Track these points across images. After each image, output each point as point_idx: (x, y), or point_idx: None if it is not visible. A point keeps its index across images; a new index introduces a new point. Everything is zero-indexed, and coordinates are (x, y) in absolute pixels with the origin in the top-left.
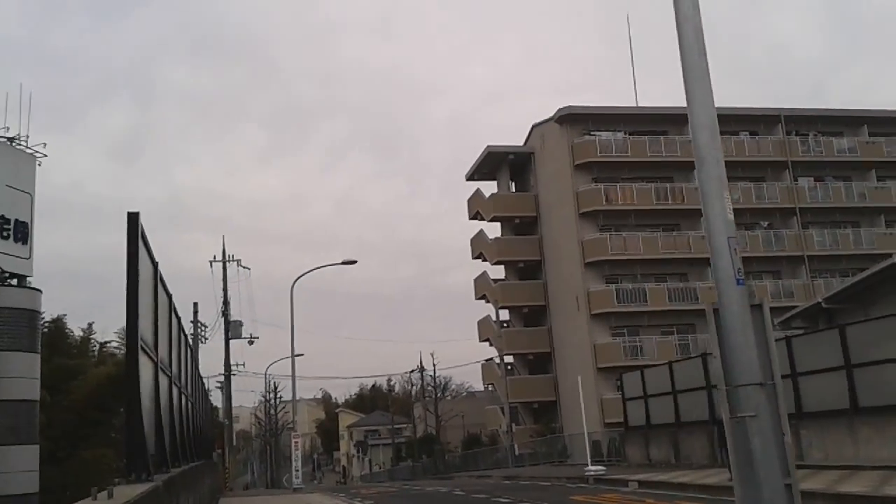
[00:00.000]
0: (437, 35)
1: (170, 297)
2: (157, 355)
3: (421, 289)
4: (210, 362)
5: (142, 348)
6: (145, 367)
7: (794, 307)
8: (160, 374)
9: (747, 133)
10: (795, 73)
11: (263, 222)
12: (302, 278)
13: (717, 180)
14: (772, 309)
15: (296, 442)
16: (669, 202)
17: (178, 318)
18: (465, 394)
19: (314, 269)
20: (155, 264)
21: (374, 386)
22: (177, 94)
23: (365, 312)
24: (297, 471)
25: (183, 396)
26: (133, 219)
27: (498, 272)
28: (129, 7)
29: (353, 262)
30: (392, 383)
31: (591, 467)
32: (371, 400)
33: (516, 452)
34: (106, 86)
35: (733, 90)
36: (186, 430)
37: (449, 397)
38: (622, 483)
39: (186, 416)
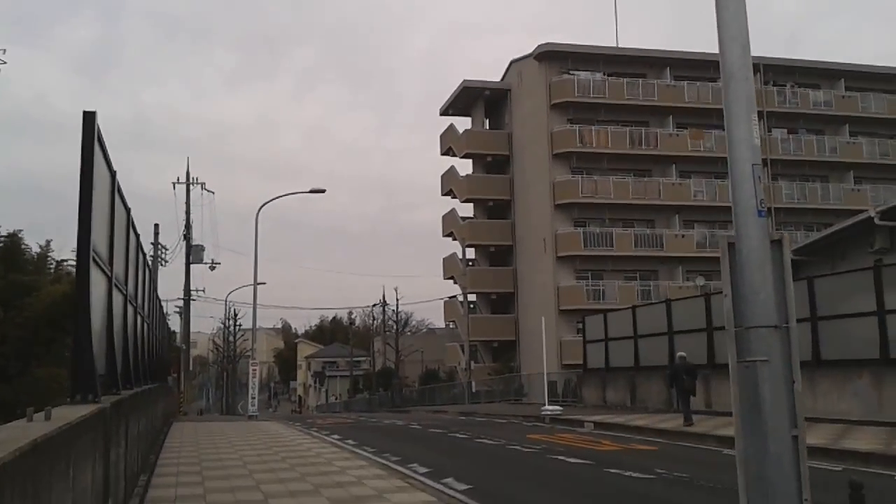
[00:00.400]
0: None
1: (128, 210)
2: (111, 270)
3: (387, 224)
4: (170, 286)
5: (94, 261)
6: (98, 282)
7: None
8: (114, 290)
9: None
10: (772, 25)
11: (230, 148)
12: (268, 206)
13: (745, 100)
14: None
15: (254, 370)
16: (643, 148)
17: (137, 235)
18: (424, 330)
19: (281, 196)
20: (113, 173)
21: (334, 318)
22: (144, 11)
23: (330, 245)
24: (254, 398)
25: (139, 317)
26: (89, 118)
27: (467, 210)
28: None
29: (322, 192)
30: (353, 316)
31: (547, 407)
32: (331, 332)
33: (473, 389)
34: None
35: (709, 38)
36: (141, 351)
37: (409, 333)
38: (578, 423)
39: (142, 337)
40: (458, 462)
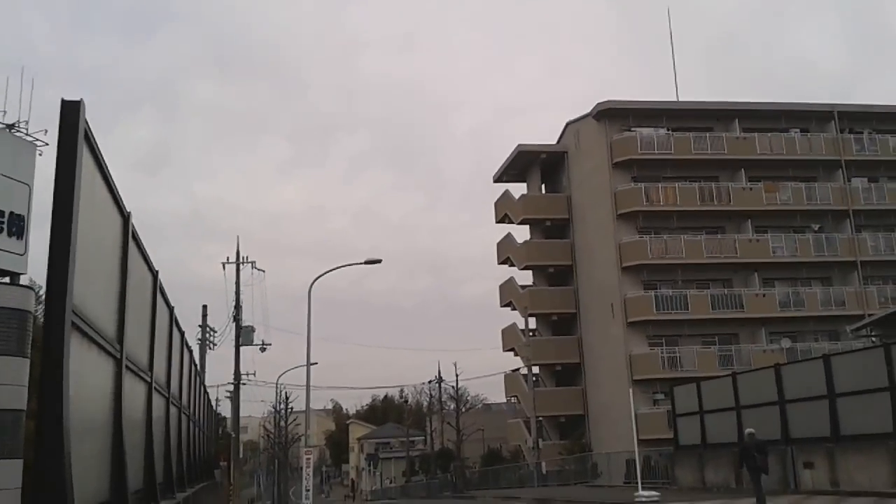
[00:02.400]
0: (459, 50)
1: (171, 309)
2: (151, 376)
3: (437, 301)
4: (219, 370)
5: (128, 368)
6: (137, 390)
7: (844, 316)
8: (155, 394)
9: (798, 130)
10: (819, 85)
11: (282, 234)
12: (317, 288)
13: None
14: (819, 318)
15: (307, 458)
16: (714, 203)
17: (182, 333)
18: (479, 406)
19: (336, 269)
20: (154, 273)
21: (385, 397)
22: (201, 109)
23: (379, 324)
24: (308, 490)
25: (184, 416)
26: (126, 222)
27: (525, 278)
28: (157, 23)
29: (378, 262)
30: (405, 395)
31: (642, 493)
32: (383, 412)
33: (543, 471)
34: (132, 101)
35: (777, 88)
36: (185, 453)
37: (463, 410)
38: None
39: (186, 437)
40: None
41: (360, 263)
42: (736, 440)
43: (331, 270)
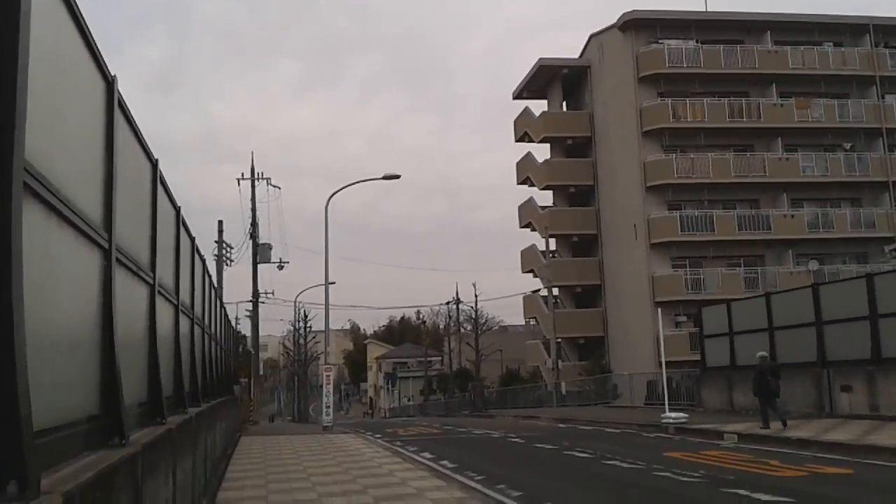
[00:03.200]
0: None
1: (192, 239)
2: (177, 298)
3: (452, 225)
4: (237, 288)
5: (160, 293)
6: (164, 310)
7: (874, 238)
8: (181, 316)
9: (831, 44)
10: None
11: (297, 156)
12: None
13: None
14: (848, 240)
15: (327, 375)
16: (744, 120)
17: (203, 259)
18: (496, 328)
19: (353, 184)
20: (154, 162)
21: (402, 318)
22: (211, 27)
23: (395, 247)
24: (328, 407)
25: (206, 336)
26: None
27: (545, 199)
28: None
29: (396, 177)
30: (421, 316)
31: (669, 414)
32: (400, 332)
33: (563, 391)
34: (142, 19)
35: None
36: (208, 368)
37: (481, 331)
38: (714, 435)
39: (208, 354)
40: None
41: (378, 179)
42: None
43: (348, 186)
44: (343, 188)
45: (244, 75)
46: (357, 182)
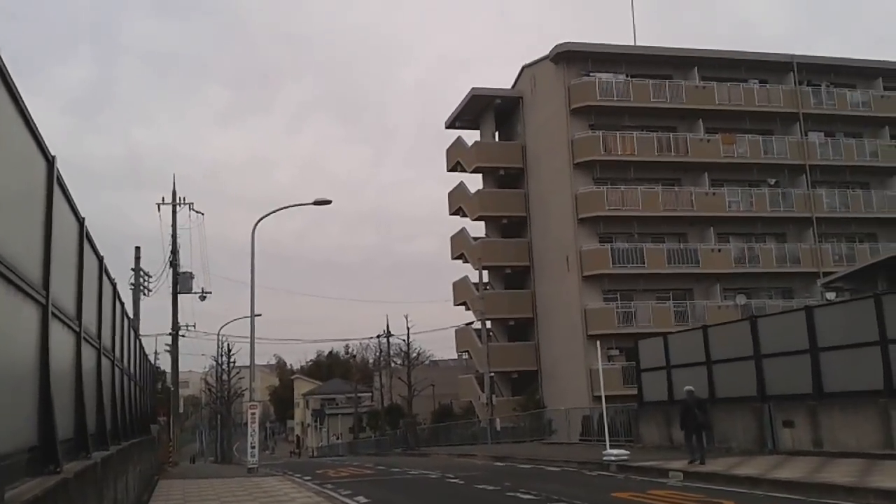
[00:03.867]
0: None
1: (100, 259)
2: (79, 325)
3: (382, 257)
4: (156, 320)
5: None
6: (63, 339)
7: (799, 273)
8: (84, 344)
9: (756, 81)
10: (765, 49)
11: (222, 185)
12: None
13: None
14: (774, 275)
15: (252, 413)
16: (672, 154)
17: (114, 284)
18: (427, 362)
19: (283, 209)
20: (80, 221)
21: (331, 353)
22: (139, 50)
23: (324, 280)
24: (254, 448)
25: (117, 369)
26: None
27: (478, 230)
28: None
29: (327, 202)
30: (350, 350)
31: (610, 451)
32: (328, 367)
33: (498, 427)
34: (67, 39)
35: (736, 35)
36: (119, 405)
37: (403, 364)
38: (658, 473)
39: (120, 390)
40: None
41: (308, 204)
42: (707, 396)
43: (277, 210)
44: (272, 213)
45: (170, 100)
46: (286, 207)
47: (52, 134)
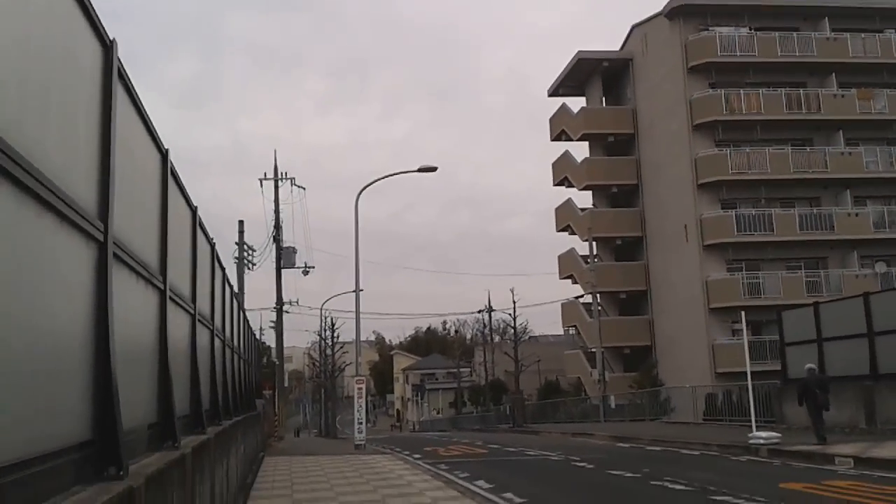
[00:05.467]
0: None
1: (212, 245)
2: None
3: (477, 237)
4: (258, 297)
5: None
6: (181, 318)
7: None
8: (199, 325)
9: (893, 31)
10: None
11: (320, 170)
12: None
13: None
14: None
15: (359, 388)
16: (802, 112)
17: (223, 269)
18: (526, 339)
19: (386, 177)
20: (193, 209)
21: (429, 329)
22: (241, 44)
23: (420, 258)
24: (361, 423)
25: (228, 349)
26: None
27: (583, 201)
28: None
29: (433, 169)
30: (448, 326)
31: (758, 433)
32: (426, 343)
33: (612, 405)
34: (172, 38)
35: None
36: (230, 383)
37: (509, 341)
38: (823, 458)
39: (230, 369)
40: None
41: (414, 171)
42: (868, 372)
43: (382, 178)
44: (376, 181)
45: (272, 90)
46: (392, 175)
47: (162, 126)
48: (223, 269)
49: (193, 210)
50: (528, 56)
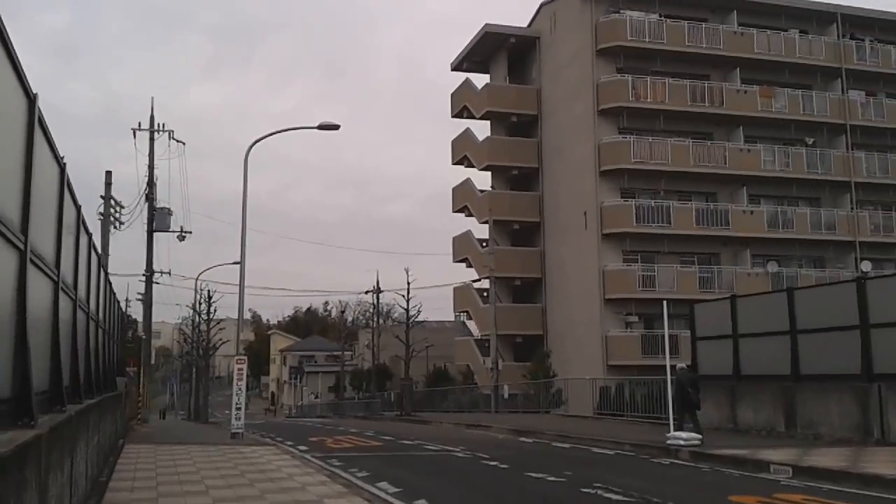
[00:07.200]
0: None
1: (78, 207)
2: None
3: (361, 217)
4: (125, 261)
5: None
6: (42, 284)
7: (833, 242)
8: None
9: (797, 31)
10: None
11: (203, 139)
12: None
13: None
14: (806, 242)
15: (239, 369)
16: (705, 105)
17: (90, 235)
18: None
19: (278, 132)
20: (62, 167)
21: (309, 309)
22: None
23: (301, 236)
24: (239, 409)
25: (92, 322)
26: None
27: (481, 182)
28: None
29: (335, 127)
30: (329, 307)
31: (678, 434)
32: (306, 324)
33: (505, 395)
34: None
35: None
36: (84, 357)
37: (395, 323)
38: (755, 465)
39: (87, 342)
40: None
41: (313, 128)
42: (789, 372)
43: (274, 133)
44: (268, 135)
45: (151, 49)
46: (286, 129)
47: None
48: (89, 234)
49: (62, 167)
50: (425, 37)
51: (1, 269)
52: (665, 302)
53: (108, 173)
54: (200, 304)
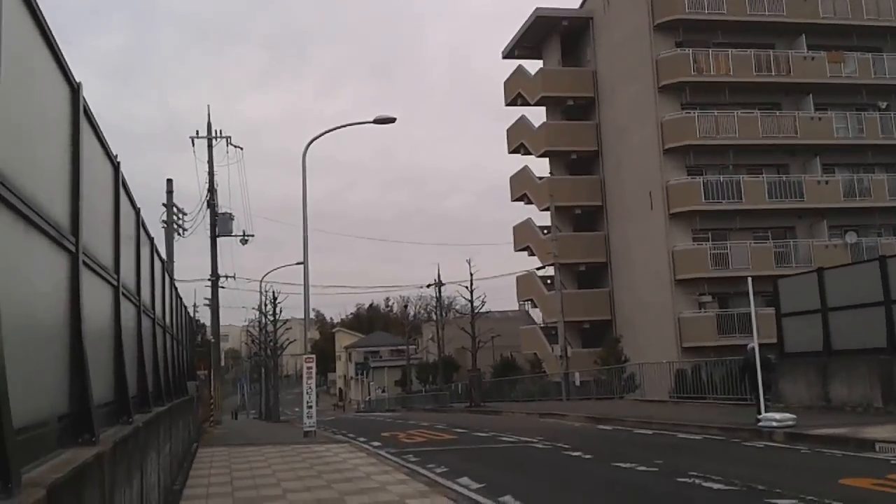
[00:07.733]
0: None
1: (137, 211)
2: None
3: (418, 214)
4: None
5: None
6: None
7: None
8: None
9: None
10: None
11: (259, 147)
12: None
13: None
14: (886, 209)
15: (308, 367)
16: (772, 74)
17: (151, 239)
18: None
19: (336, 129)
20: (116, 165)
21: (371, 305)
22: (173, 16)
23: (360, 235)
24: (311, 407)
25: (158, 328)
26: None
27: (540, 169)
28: None
29: (391, 120)
30: (391, 303)
31: (771, 415)
32: (368, 321)
33: (577, 382)
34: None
35: None
36: (163, 366)
37: (456, 315)
38: (857, 444)
39: (161, 349)
40: None
41: (369, 122)
42: (885, 344)
43: (330, 130)
44: (326, 132)
45: (205, 64)
46: (342, 126)
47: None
48: (151, 238)
49: (116, 165)
50: (472, 30)
51: (49, 273)
52: (750, 279)
53: (170, 181)
54: (266, 305)
